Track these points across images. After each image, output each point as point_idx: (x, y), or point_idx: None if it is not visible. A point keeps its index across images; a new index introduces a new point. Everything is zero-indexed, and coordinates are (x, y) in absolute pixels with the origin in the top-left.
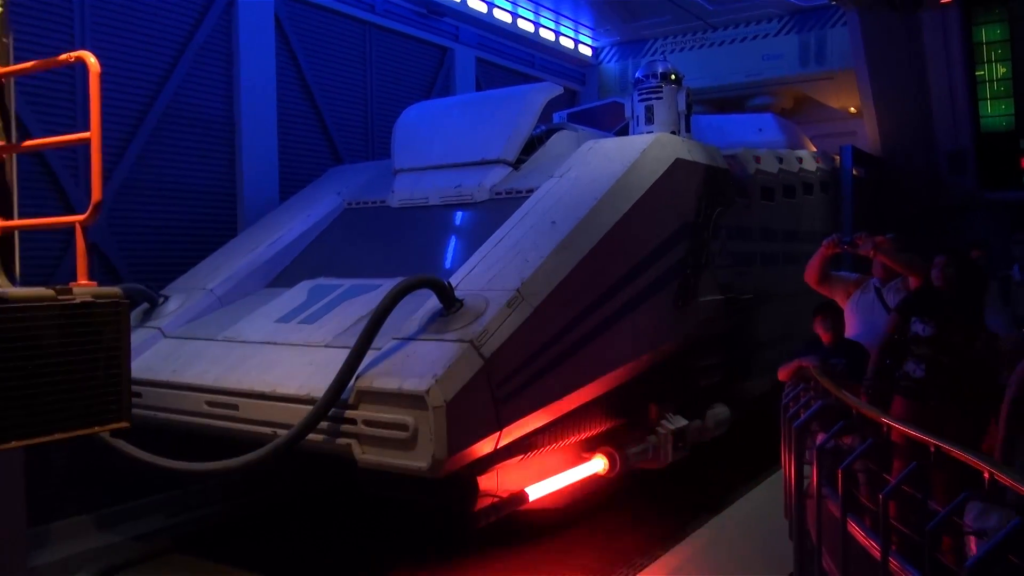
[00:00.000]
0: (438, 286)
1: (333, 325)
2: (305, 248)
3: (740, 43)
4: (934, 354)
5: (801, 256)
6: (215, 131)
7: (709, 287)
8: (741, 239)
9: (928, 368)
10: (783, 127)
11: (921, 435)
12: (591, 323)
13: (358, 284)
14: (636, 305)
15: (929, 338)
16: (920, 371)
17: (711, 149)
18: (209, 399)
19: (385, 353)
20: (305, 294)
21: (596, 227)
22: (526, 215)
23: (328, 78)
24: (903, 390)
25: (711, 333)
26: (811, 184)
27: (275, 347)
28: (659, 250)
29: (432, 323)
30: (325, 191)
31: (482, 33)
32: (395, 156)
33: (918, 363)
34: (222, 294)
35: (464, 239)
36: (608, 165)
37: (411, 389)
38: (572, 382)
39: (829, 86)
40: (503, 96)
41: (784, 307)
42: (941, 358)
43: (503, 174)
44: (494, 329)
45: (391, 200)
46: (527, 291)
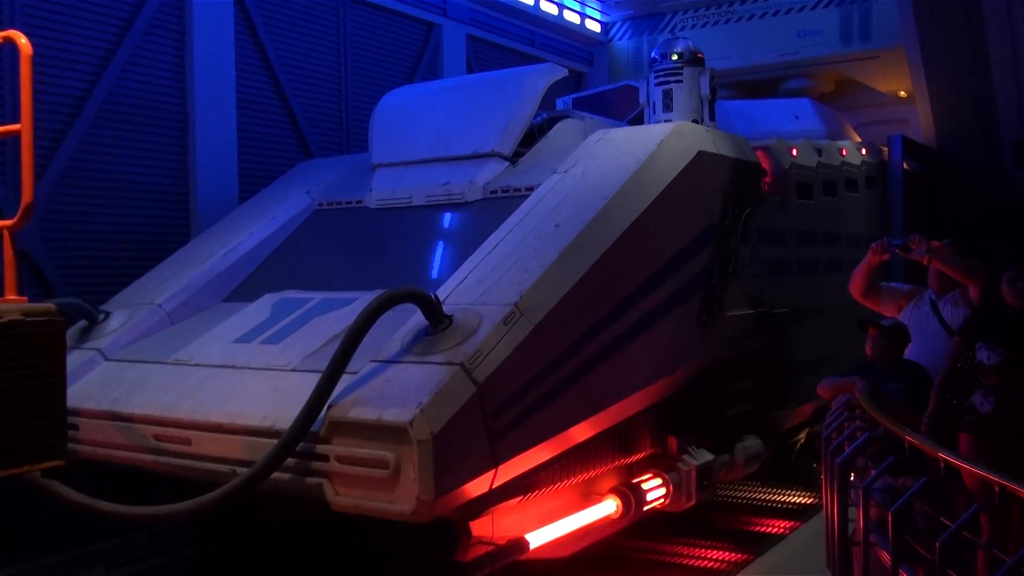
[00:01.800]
0: (423, 300)
1: (301, 346)
2: (269, 256)
3: (772, 17)
4: (1004, 385)
5: (844, 263)
6: (164, 122)
7: (737, 300)
8: (774, 244)
9: (998, 402)
10: (822, 114)
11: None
12: (601, 343)
13: (330, 298)
14: (653, 322)
15: (996, 366)
16: (988, 405)
17: (739, 140)
18: (157, 432)
19: (362, 378)
20: (268, 310)
21: (606, 231)
22: (525, 217)
23: (296, 59)
24: (969, 426)
25: (740, 353)
26: (855, 180)
27: (234, 371)
28: (679, 257)
29: (416, 343)
30: (292, 190)
31: (474, 6)
32: (373, 149)
33: (986, 395)
34: (172, 310)
35: (453, 245)
36: (620, 159)
37: (392, 420)
38: (579, 411)
39: (875, 67)
40: (498, 80)
41: (825, 323)
42: (1013, 390)
43: (498, 170)
44: (488, 350)
45: (369, 200)
46: (526, 305)
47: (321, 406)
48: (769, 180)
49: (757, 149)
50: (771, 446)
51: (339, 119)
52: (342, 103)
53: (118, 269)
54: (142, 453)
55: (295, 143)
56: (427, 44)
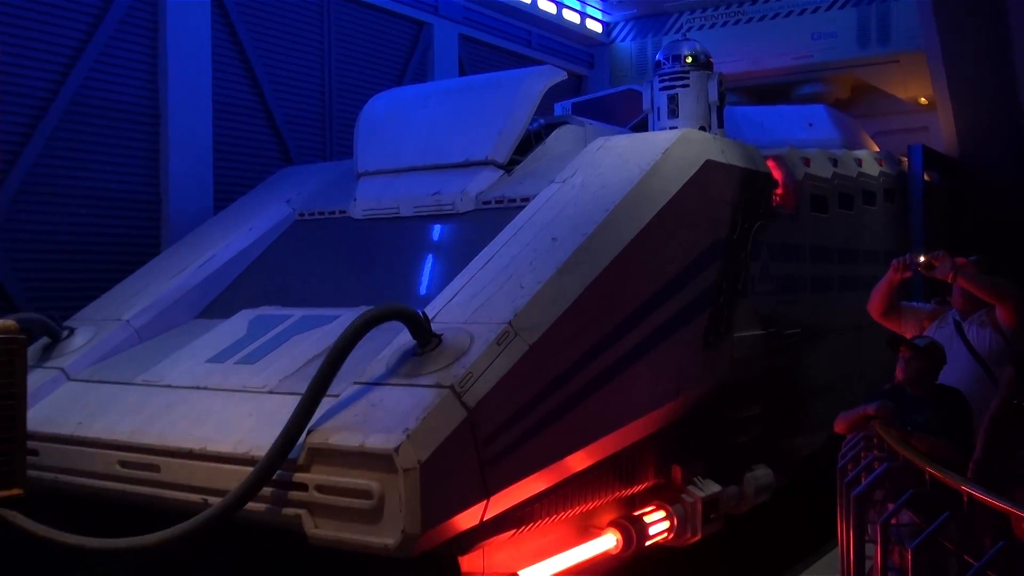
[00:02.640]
0: (410, 318)
1: (279, 366)
2: (245, 269)
3: (785, 18)
4: None
5: (861, 280)
6: (135, 125)
7: (747, 320)
8: (786, 260)
9: None
10: (838, 122)
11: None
12: (601, 365)
13: (311, 315)
14: (656, 343)
15: None
16: None
17: (749, 149)
18: (123, 458)
19: (344, 401)
20: (245, 327)
21: (607, 245)
22: (520, 230)
23: (277, 60)
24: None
25: (750, 377)
26: (873, 192)
27: (207, 393)
28: (685, 274)
29: (403, 364)
30: (271, 198)
31: (467, 4)
32: (358, 156)
33: None
34: (141, 326)
35: (443, 259)
36: (622, 168)
37: (376, 447)
38: (577, 438)
39: (894, 71)
40: (492, 83)
41: (841, 344)
42: None
43: (492, 179)
44: (480, 372)
45: (353, 210)
46: (521, 325)
47: (300, 431)
48: (781, 192)
49: (768, 159)
50: (783, 476)
51: (322, 123)
52: (326, 106)
53: (83, 282)
54: (107, 481)
55: (275, 149)
56: (417, 44)
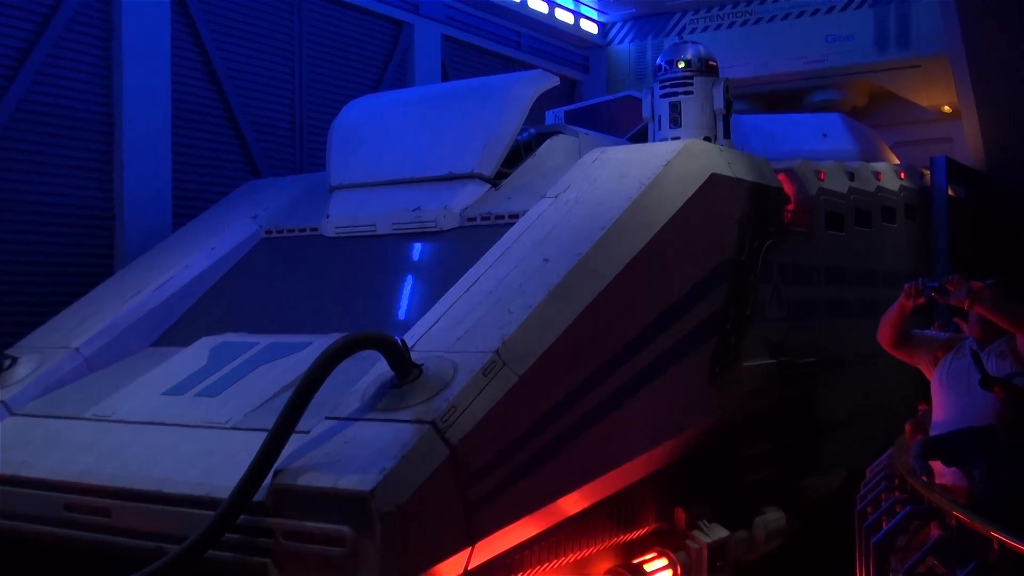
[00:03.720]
0: (388, 346)
1: (244, 399)
2: (207, 292)
3: (796, 19)
4: None
5: (880, 304)
6: (86, 134)
7: (756, 348)
8: (799, 282)
9: None
10: (855, 132)
11: None
12: (596, 398)
13: (279, 342)
14: (658, 374)
15: None
16: None
17: (758, 161)
18: (71, 501)
19: (315, 439)
20: (206, 356)
21: (604, 267)
22: (509, 249)
23: (243, 62)
24: None
25: (759, 411)
26: (893, 208)
27: (163, 429)
28: (689, 298)
29: (380, 397)
30: (236, 214)
31: (451, 3)
32: (332, 168)
33: None
34: (91, 355)
35: (424, 281)
36: (620, 182)
37: (350, 488)
38: (571, 479)
39: (915, 77)
40: (478, 89)
41: (860, 374)
42: None
43: (478, 194)
44: (465, 405)
45: (325, 227)
46: (510, 354)
47: (266, 471)
48: (793, 208)
49: (779, 172)
50: (796, 519)
51: (292, 132)
52: (296, 114)
53: (27, 306)
54: (52, 526)
55: (240, 159)
56: (396, 46)
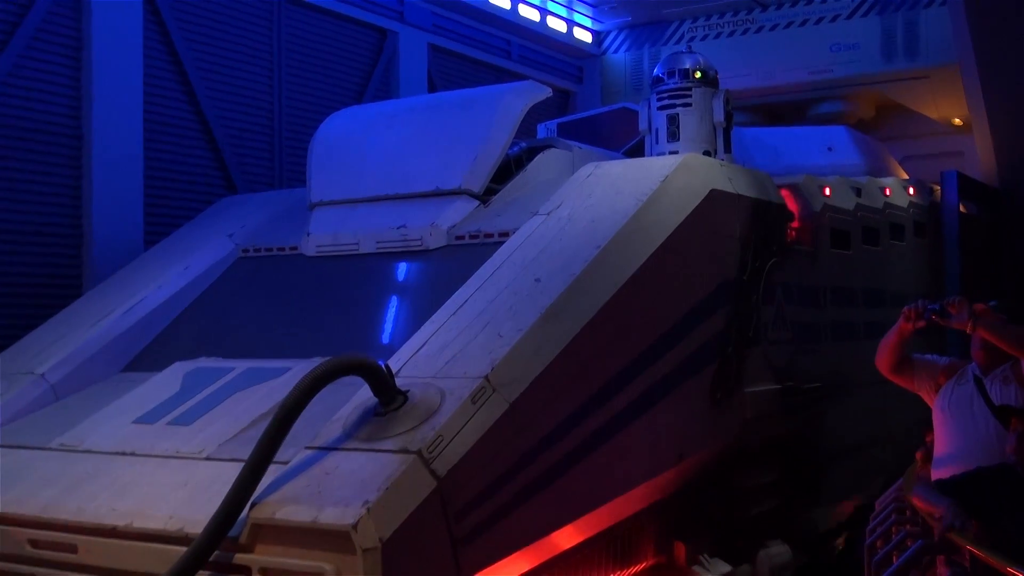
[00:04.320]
0: (372, 372)
1: (219, 428)
2: (180, 315)
3: (800, 28)
4: None
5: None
6: (54, 148)
7: (759, 372)
8: (804, 303)
9: None
10: (861, 145)
11: None
12: (591, 426)
13: (256, 368)
14: (656, 400)
15: None
16: None
17: (760, 177)
18: (35, 536)
19: (294, 470)
20: (179, 382)
21: (599, 288)
22: (499, 269)
23: (220, 73)
24: None
25: (763, 439)
26: (902, 225)
27: (133, 460)
28: (688, 321)
29: (363, 426)
30: (211, 232)
31: (438, 10)
32: (312, 184)
33: None
34: (58, 381)
35: (410, 303)
36: (615, 199)
37: (331, 522)
38: (565, 512)
39: (924, 88)
40: (467, 100)
41: (868, 400)
42: None
43: (466, 211)
44: (452, 434)
45: (305, 246)
46: (500, 380)
47: (243, 504)
48: (797, 225)
49: (782, 188)
50: (802, 553)
51: (270, 146)
52: (275, 126)
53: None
54: (15, 563)
55: (216, 175)
56: (380, 55)
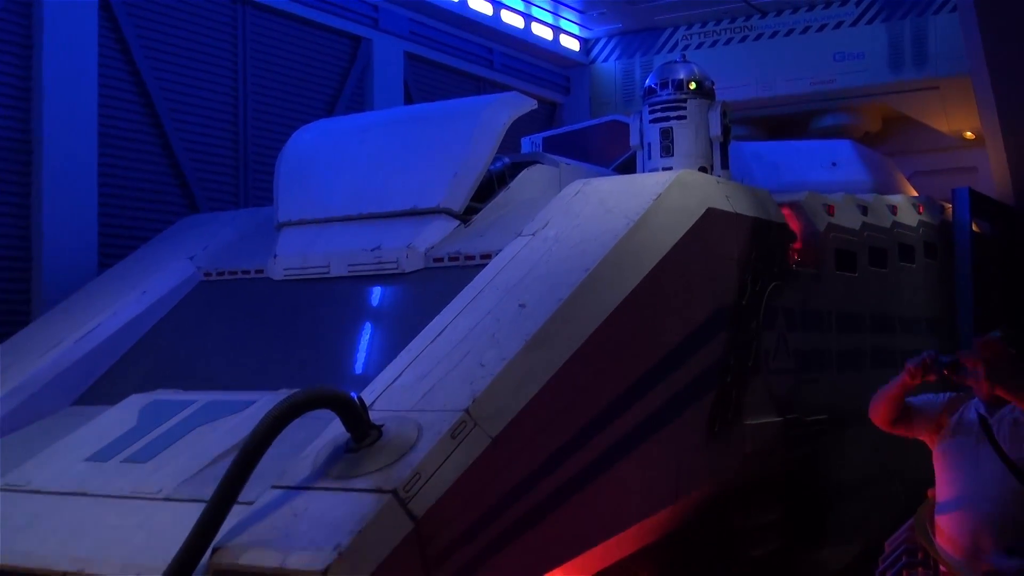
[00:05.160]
0: (343, 405)
1: (178, 466)
2: (137, 343)
3: (802, 35)
4: None
5: (898, 353)
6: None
7: (760, 404)
8: (808, 329)
9: None
10: (867, 161)
11: None
12: (581, 462)
13: (219, 400)
14: (649, 434)
15: None
16: None
17: (760, 194)
18: None
19: (260, 510)
20: (135, 416)
21: (587, 314)
22: (480, 294)
23: (180, 82)
24: None
25: (765, 475)
26: (911, 246)
27: (86, 500)
28: (684, 349)
29: (334, 463)
30: (171, 254)
31: (415, 16)
32: (280, 202)
33: None
34: (4, 415)
35: (384, 330)
36: (605, 218)
37: (300, 568)
38: (552, 554)
39: (934, 100)
40: (446, 113)
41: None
42: None
43: (445, 231)
44: (431, 472)
45: (272, 269)
46: (481, 413)
47: (203, 549)
48: (799, 246)
49: (783, 206)
50: None
51: (235, 161)
52: (240, 140)
53: None
54: None
55: (176, 192)
56: (352, 64)
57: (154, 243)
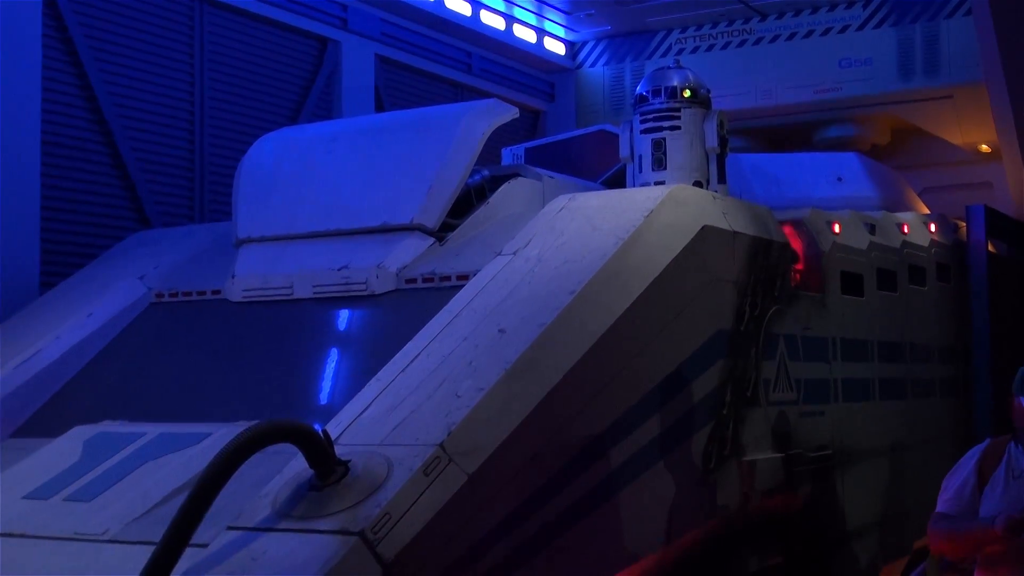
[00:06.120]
0: (306, 438)
1: (125, 504)
2: (81, 370)
3: (804, 39)
4: None
5: (909, 384)
6: None
7: (759, 438)
8: (811, 358)
9: None
10: (875, 175)
11: None
12: (565, 502)
13: (170, 433)
14: (639, 471)
15: None
16: None
17: (760, 211)
18: None
19: (215, 554)
20: (79, 450)
21: (573, 340)
22: (457, 318)
23: (131, 87)
24: None
25: (764, 515)
26: (922, 268)
27: (23, 542)
28: (677, 378)
29: (296, 502)
30: (120, 273)
31: (387, 16)
32: (239, 217)
33: None
34: None
35: (352, 357)
36: (591, 237)
37: None
38: None
39: (947, 110)
40: (420, 121)
41: (885, 470)
42: None
43: (419, 249)
44: (401, 512)
45: (230, 290)
46: (457, 448)
47: None
48: (802, 267)
49: (784, 224)
50: None
51: (190, 172)
52: (195, 149)
53: None
54: None
55: (126, 205)
56: (319, 68)
57: (101, 261)
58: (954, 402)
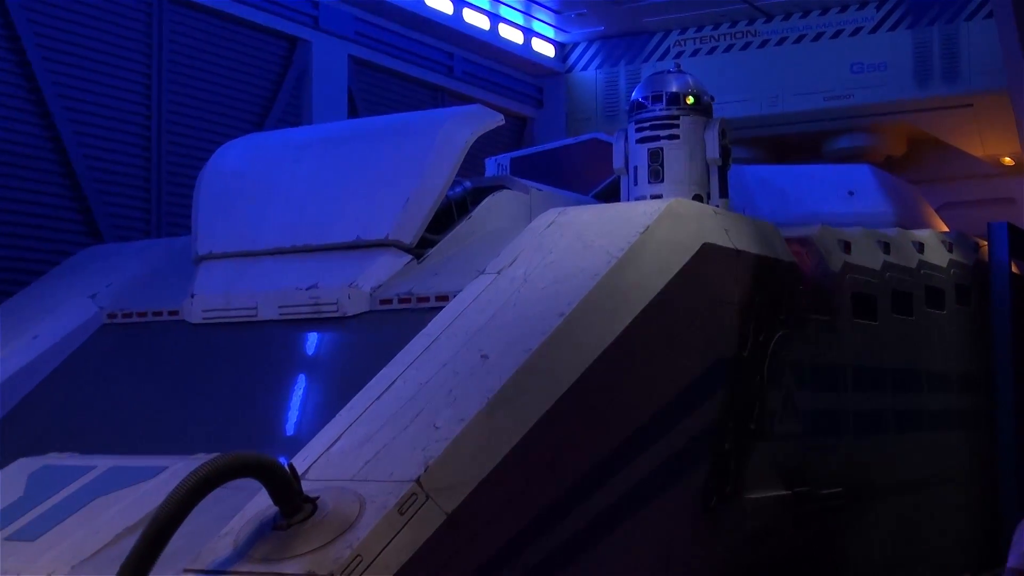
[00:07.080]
0: (270, 473)
1: (73, 543)
2: (25, 397)
3: (813, 43)
4: None
5: (926, 416)
6: None
7: (764, 474)
8: (820, 387)
9: None
10: (889, 189)
11: None
12: (552, 543)
13: (122, 467)
14: (634, 509)
15: None
16: None
17: (765, 228)
18: None
19: None
20: (22, 485)
21: (562, 367)
22: (435, 343)
23: (83, 89)
24: None
25: (769, 557)
26: (940, 289)
27: None
28: (674, 409)
29: (259, 542)
30: (68, 292)
31: (361, 15)
32: (199, 231)
33: None
34: None
35: (321, 385)
36: (583, 255)
37: None
38: None
39: (966, 120)
40: (397, 128)
41: (900, 508)
42: None
43: (395, 267)
44: (373, 555)
45: (189, 311)
46: (435, 484)
47: None
48: (810, 289)
49: (792, 242)
50: None
51: (147, 182)
52: (152, 158)
53: None
54: None
55: (76, 218)
56: (288, 70)
57: (49, 278)
58: (976, 435)
